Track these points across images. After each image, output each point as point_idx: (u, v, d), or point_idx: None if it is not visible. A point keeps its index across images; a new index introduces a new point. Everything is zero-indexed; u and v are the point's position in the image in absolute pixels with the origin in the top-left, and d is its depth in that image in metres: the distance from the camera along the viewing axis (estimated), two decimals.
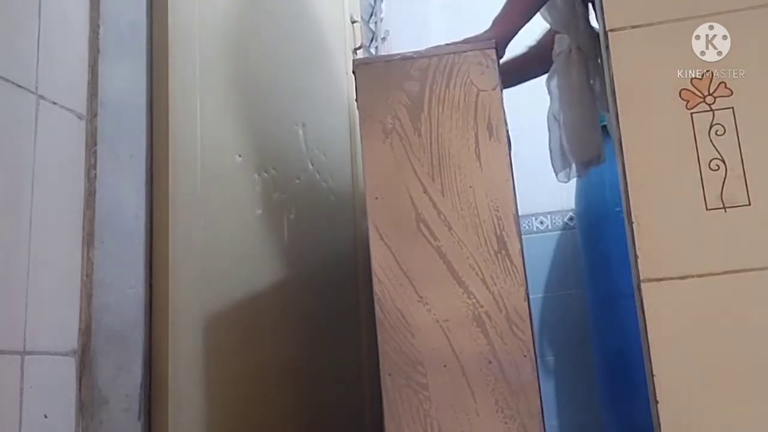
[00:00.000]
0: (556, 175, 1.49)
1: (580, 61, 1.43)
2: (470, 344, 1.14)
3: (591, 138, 1.42)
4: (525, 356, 1.13)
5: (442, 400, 1.14)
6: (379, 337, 1.17)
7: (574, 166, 1.47)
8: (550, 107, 1.49)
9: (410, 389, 1.15)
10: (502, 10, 1.42)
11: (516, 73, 1.57)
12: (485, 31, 1.38)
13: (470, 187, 1.19)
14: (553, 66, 1.47)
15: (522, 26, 1.41)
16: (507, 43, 1.40)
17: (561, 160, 1.48)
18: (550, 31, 1.59)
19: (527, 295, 1.16)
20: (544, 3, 1.42)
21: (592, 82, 1.44)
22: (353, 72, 1.28)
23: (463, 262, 1.17)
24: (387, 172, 1.22)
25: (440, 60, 1.23)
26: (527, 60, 1.62)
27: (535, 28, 1.59)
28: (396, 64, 1.26)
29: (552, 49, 1.50)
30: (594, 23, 1.45)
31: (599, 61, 1.39)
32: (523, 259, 1.17)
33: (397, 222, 1.19)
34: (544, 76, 1.54)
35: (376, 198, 1.21)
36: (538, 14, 1.48)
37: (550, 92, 1.48)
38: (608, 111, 1.40)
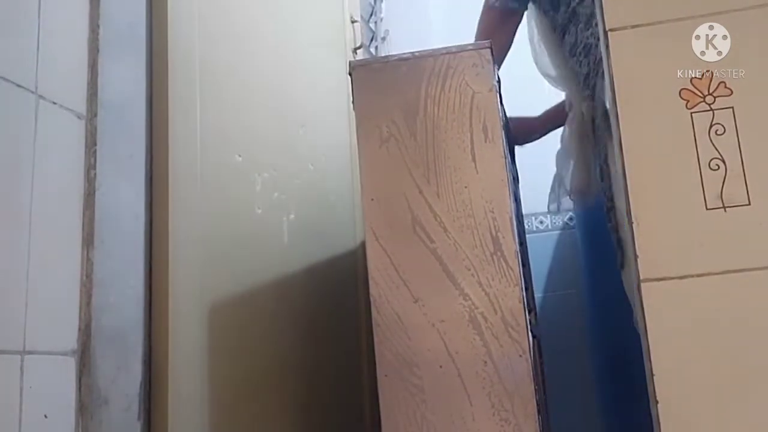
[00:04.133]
0: (548, 205, 1.73)
1: (579, 118, 1.61)
2: (466, 345, 1.14)
3: (584, 183, 1.66)
4: (520, 356, 1.13)
5: (437, 401, 1.14)
6: (375, 339, 1.17)
7: (559, 201, 1.76)
8: (558, 150, 1.71)
9: (406, 391, 1.15)
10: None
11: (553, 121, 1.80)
12: None
13: (465, 188, 1.18)
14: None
15: (504, 52, 1.61)
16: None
17: (557, 195, 1.74)
18: None
19: (523, 296, 1.16)
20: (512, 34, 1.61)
21: (596, 122, 1.63)
22: (349, 74, 1.27)
23: (458, 264, 1.16)
24: (383, 174, 1.21)
25: (435, 61, 1.23)
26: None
27: None
28: (392, 66, 1.25)
29: None
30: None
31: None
32: (518, 260, 1.17)
33: (393, 224, 1.19)
34: None
35: (372, 200, 1.21)
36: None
37: (561, 140, 1.71)
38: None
